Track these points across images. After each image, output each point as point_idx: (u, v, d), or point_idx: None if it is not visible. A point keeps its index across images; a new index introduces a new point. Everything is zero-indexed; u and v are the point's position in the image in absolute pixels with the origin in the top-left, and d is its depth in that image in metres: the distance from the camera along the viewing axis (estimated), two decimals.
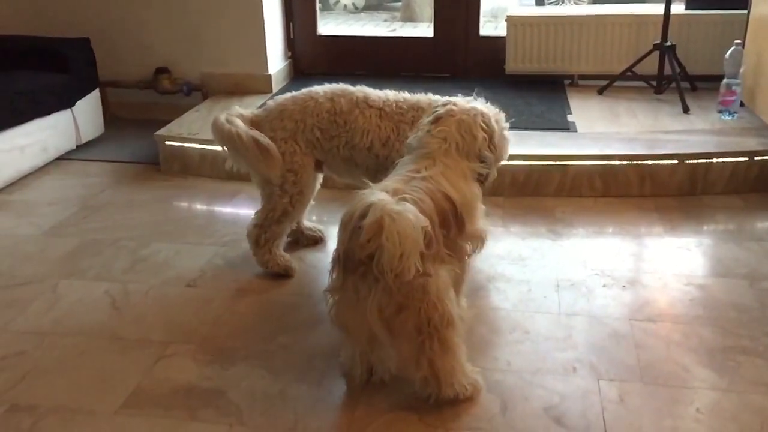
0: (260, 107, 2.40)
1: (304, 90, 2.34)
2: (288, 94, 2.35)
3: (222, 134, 2.20)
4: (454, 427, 1.66)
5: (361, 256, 1.55)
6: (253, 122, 2.29)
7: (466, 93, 2.07)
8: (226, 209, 2.92)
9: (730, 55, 3.16)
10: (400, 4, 7.74)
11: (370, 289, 1.58)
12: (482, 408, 1.72)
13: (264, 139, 2.20)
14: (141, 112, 4.01)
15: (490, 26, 5.76)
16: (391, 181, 1.75)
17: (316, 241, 2.57)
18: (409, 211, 1.54)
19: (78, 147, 3.55)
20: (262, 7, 3.80)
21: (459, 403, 1.71)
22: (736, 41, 3.19)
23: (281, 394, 1.78)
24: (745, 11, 3.42)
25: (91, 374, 1.88)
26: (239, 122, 2.21)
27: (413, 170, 1.78)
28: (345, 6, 7.99)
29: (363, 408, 1.73)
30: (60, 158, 3.44)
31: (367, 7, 8.07)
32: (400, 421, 1.68)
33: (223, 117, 2.22)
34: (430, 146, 1.85)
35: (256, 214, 2.38)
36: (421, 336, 1.60)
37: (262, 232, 2.32)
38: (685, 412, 1.69)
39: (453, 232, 1.74)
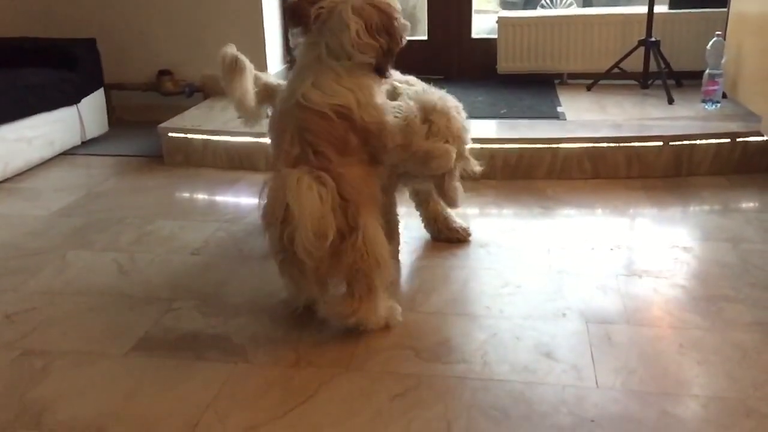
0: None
1: None
2: None
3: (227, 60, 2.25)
4: (449, 360, 1.74)
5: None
6: (269, 89, 2.36)
7: (461, 93, 2.14)
8: (228, 194, 3.02)
9: (712, 46, 3.29)
10: None
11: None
12: (475, 344, 1.80)
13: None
14: (144, 113, 4.12)
15: None
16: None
17: None
18: (313, 187, 1.64)
19: (83, 143, 3.67)
20: (262, 12, 3.94)
21: (450, 341, 1.81)
22: (717, 33, 3.32)
23: (284, 338, 1.86)
24: (725, 9, 3.56)
25: (100, 325, 1.96)
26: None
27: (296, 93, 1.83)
28: None
29: (363, 347, 1.81)
30: (65, 153, 3.56)
31: None
32: (397, 357, 1.76)
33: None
34: (306, 58, 1.89)
35: None
36: (351, 281, 1.77)
37: None
38: (669, 348, 1.77)
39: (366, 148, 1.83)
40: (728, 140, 2.97)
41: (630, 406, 1.55)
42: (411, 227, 2.51)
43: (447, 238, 2.42)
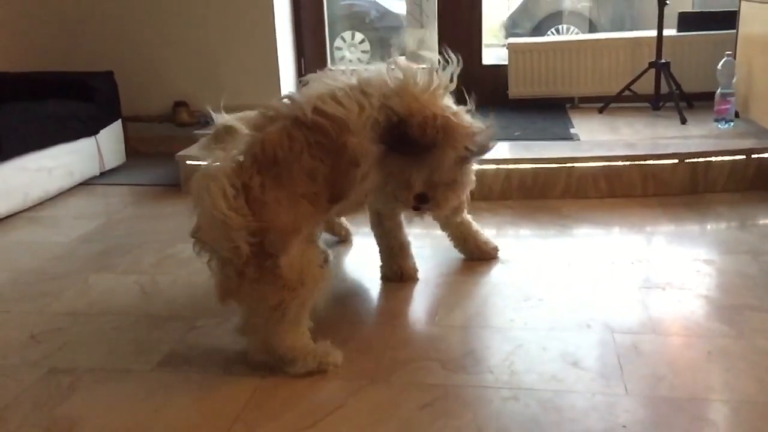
0: None
1: None
2: None
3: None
4: (476, 370, 1.73)
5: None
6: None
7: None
8: None
9: (723, 66, 3.33)
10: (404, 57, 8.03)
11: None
12: (501, 355, 1.80)
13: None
14: (160, 145, 4.17)
15: None
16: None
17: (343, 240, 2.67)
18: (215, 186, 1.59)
19: (101, 174, 3.71)
20: (275, 43, 4.02)
21: (476, 352, 1.80)
22: (727, 53, 3.36)
23: None
24: (733, 31, 3.61)
25: (125, 343, 1.97)
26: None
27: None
28: (350, 61, 8.28)
29: (388, 359, 1.80)
30: (84, 183, 3.60)
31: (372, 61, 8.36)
32: (423, 368, 1.76)
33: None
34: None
35: None
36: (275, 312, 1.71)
37: None
38: (698, 355, 1.76)
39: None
40: (743, 157, 2.98)
41: (661, 411, 1.54)
42: (426, 246, 2.52)
43: (479, 257, 2.42)
